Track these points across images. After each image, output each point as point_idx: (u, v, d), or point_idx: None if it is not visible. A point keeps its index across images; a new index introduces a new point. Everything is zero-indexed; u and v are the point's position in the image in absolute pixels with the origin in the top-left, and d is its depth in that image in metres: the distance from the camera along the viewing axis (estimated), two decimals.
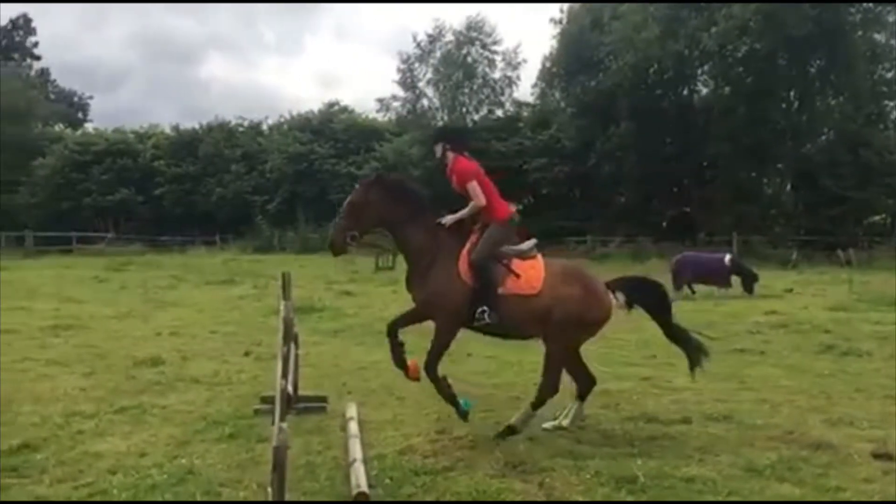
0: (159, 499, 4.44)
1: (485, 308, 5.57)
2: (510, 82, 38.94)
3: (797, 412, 6.49)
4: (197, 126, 44.72)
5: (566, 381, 6.02)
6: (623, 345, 9.90)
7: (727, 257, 17.59)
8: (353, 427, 5.69)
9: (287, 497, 3.83)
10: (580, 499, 4.51)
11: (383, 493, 4.58)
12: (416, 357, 5.94)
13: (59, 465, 5.05)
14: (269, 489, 3.93)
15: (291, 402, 4.73)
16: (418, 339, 6.20)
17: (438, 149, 6.19)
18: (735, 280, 17.04)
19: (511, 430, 5.62)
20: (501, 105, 39.65)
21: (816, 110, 33.49)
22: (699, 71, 34.94)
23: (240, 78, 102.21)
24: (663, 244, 30.12)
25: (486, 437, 5.66)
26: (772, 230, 32.12)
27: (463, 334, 5.97)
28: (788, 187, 35.05)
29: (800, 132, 33.45)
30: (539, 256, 5.89)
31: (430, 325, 5.87)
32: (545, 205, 36.87)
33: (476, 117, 39.14)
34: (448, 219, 5.87)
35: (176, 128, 45.90)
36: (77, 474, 4.87)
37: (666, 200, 35.74)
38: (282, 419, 4.01)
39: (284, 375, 4.45)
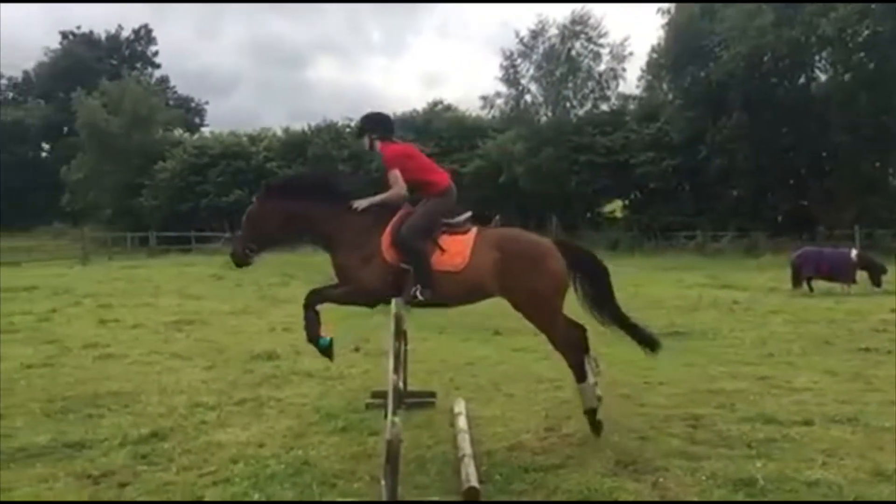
0: (278, 488, 4.60)
1: (418, 287, 5.40)
2: (615, 75, 38.25)
3: None
4: (306, 127, 46.00)
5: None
6: (738, 343, 9.59)
7: (853, 252, 16.73)
8: (462, 422, 5.73)
9: (399, 489, 3.91)
10: (696, 500, 4.39)
11: (493, 489, 4.59)
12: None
13: (185, 453, 5.31)
14: (382, 481, 4.02)
15: (402, 397, 4.81)
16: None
17: (366, 141, 5.98)
18: (858, 276, 16.22)
19: (593, 414, 5.52)
20: (607, 99, 38.95)
21: None
22: (817, 58, 33.31)
23: (346, 79, 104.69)
24: (779, 239, 28.96)
25: (595, 435, 5.60)
26: None
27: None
28: None
29: None
30: (472, 231, 5.61)
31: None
32: (653, 199, 36.14)
33: (581, 112, 38.63)
34: (360, 203, 5.65)
35: (286, 130, 47.36)
36: (202, 463, 5.11)
37: (781, 193, 34.28)
38: (394, 413, 4.09)
39: (396, 371, 4.52)
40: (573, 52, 37.73)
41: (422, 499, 4.23)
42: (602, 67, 38.12)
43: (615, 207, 40.41)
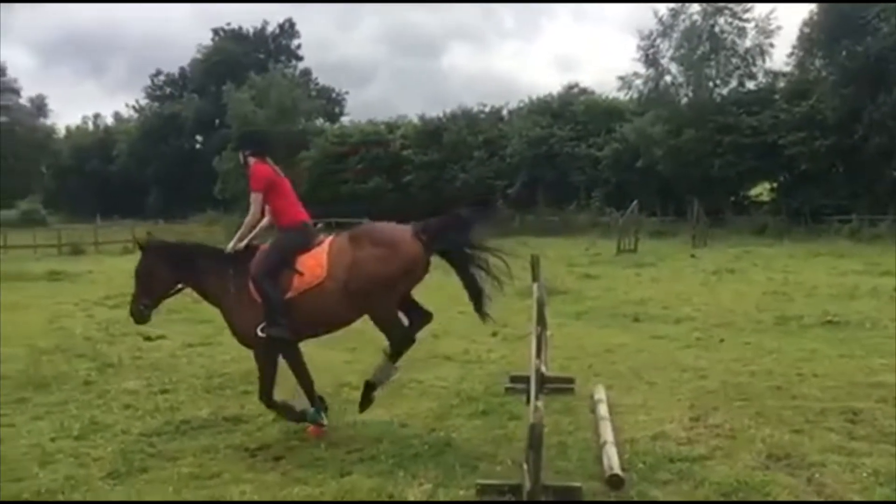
0: (421, 468, 4.70)
1: (263, 324, 5.28)
2: (762, 51, 36.26)
3: None
4: (441, 115, 46.53)
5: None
6: None
7: None
8: (603, 409, 5.66)
9: (542, 474, 3.90)
10: (857, 498, 4.15)
11: (637, 478, 4.51)
12: None
13: (332, 430, 5.54)
14: (525, 466, 4.03)
15: (543, 383, 4.80)
16: None
17: (241, 157, 5.85)
18: None
19: (371, 387, 5.55)
20: (753, 77, 36.94)
21: None
22: None
23: (480, 65, 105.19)
24: None
25: (744, 426, 5.39)
26: None
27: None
28: None
29: None
30: (326, 241, 5.51)
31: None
32: (804, 182, 34.09)
33: (724, 91, 36.93)
34: (231, 246, 5.62)
35: (422, 117, 48.06)
36: (348, 440, 5.33)
37: None
38: (536, 398, 4.09)
39: (537, 355, 4.52)
40: (716, 29, 36.09)
41: (565, 483, 4.21)
42: (747, 43, 36.19)
43: (762, 191, 38.46)
